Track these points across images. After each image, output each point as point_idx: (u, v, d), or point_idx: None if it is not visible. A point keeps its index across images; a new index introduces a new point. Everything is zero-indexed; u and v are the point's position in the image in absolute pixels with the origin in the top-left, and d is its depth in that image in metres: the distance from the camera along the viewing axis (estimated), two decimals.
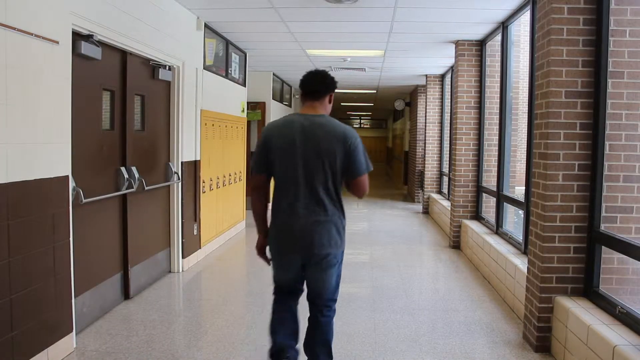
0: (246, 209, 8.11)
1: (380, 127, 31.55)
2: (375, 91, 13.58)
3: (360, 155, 2.52)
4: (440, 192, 10.02)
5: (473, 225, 6.29)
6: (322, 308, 2.65)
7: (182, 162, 5.32)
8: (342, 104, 18.24)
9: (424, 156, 10.40)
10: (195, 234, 5.75)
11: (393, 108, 17.48)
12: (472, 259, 6.00)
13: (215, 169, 6.46)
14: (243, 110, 7.77)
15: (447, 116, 9.64)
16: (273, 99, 10.22)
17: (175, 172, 5.20)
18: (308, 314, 2.71)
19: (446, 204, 8.31)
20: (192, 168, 5.64)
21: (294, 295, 2.73)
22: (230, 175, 7.10)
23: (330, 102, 2.64)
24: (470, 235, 6.16)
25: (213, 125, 6.29)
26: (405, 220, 9.25)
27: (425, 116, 10.37)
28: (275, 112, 10.53)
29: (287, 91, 12.21)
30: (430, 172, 10.20)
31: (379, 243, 7.15)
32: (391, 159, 23.57)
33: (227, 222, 7.08)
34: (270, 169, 2.55)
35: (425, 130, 10.33)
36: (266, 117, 9.91)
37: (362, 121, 31.36)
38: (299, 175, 2.48)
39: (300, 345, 2.73)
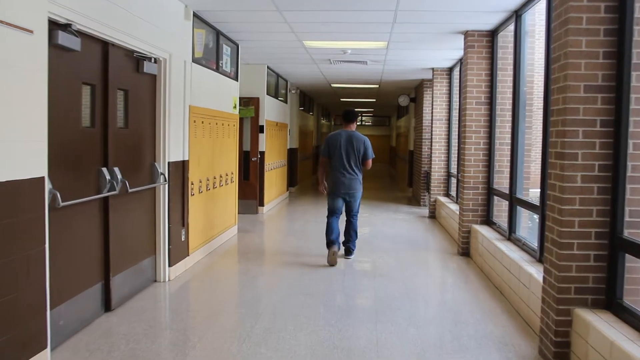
0: (238, 212, 8.04)
1: (382, 124, 31.57)
2: (377, 86, 13.58)
3: (369, 150, 6.38)
4: (447, 194, 10.00)
5: (483, 230, 6.27)
6: (353, 216, 6.45)
7: (168, 163, 5.30)
8: (341, 99, 18.25)
9: (430, 156, 10.38)
10: (182, 240, 5.73)
11: (397, 104, 17.48)
12: (483, 267, 5.98)
13: (205, 169, 6.45)
14: (235, 107, 7.76)
15: (455, 113, 9.62)
16: (267, 94, 10.20)
17: (162, 173, 5.19)
18: (346, 220, 6.47)
19: (454, 207, 8.30)
20: (180, 169, 5.63)
21: (338, 214, 6.42)
22: (221, 176, 7.08)
23: (356, 123, 6.55)
24: (481, 241, 6.13)
25: (202, 122, 6.27)
26: (410, 225, 9.24)
27: (432, 113, 10.36)
28: (270, 108, 10.52)
29: (282, 86, 12.21)
30: (437, 173, 10.19)
31: (382, 250, 7.14)
32: (395, 159, 23.58)
33: (218, 227, 7.05)
34: (330, 155, 6.38)
35: (432, 128, 10.32)
36: (260, 113, 9.89)
37: (363, 118, 31.39)
38: (343, 158, 6.30)
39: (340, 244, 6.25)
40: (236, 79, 7.86)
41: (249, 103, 9.78)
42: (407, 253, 6.96)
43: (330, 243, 6.35)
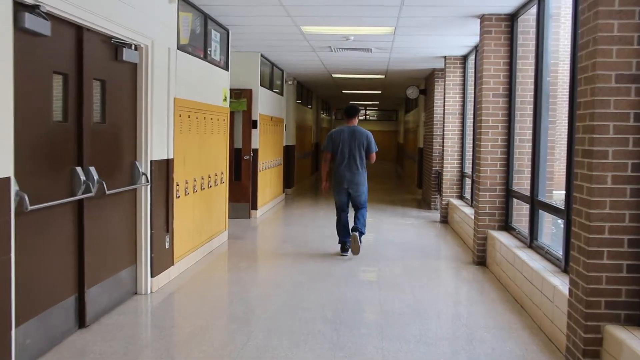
0: (228, 217, 8.04)
1: (389, 119, 31.62)
2: (383, 76, 13.58)
3: (373, 143, 7.12)
4: (461, 197, 10.00)
5: (502, 237, 6.26)
6: (360, 208, 7.12)
7: (151, 161, 5.29)
8: (343, 91, 18.27)
9: (442, 154, 10.38)
10: (167, 247, 5.72)
11: (405, 96, 17.47)
12: (501, 277, 5.96)
13: (192, 169, 6.44)
14: (225, 99, 7.75)
15: (470, 106, 9.62)
16: (261, 85, 10.20)
17: (143, 173, 5.18)
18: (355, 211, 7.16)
19: (469, 211, 8.29)
20: (164, 168, 5.62)
21: (346, 210, 7.15)
22: (210, 176, 7.07)
23: (358, 118, 7.29)
24: (499, 249, 6.12)
25: (189, 117, 6.27)
26: (419, 231, 9.25)
27: (444, 106, 10.35)
28: (264, 101, 10.51)
29: (278, 76, 12.20)
30: (450, 173, 10.18)
31: (389, 258, 7.14)
32: (402, 158, 23.61)
33: (206, 233, 7.04)
34: (333, 150, 7.10)
35: (444, 122, 10.32)
36: (253, 106, 9.89)
37: (367, 112, 31.41)
38: (346, 154, 7.01)
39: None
40: (226, 68, 7.85)
41: (240, 95, 9.78)
42: (416, 262, 6.97)
43: (342, 243, 7.23)
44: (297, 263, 6.76)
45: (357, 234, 7.02)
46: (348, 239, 7.17)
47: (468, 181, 9.52)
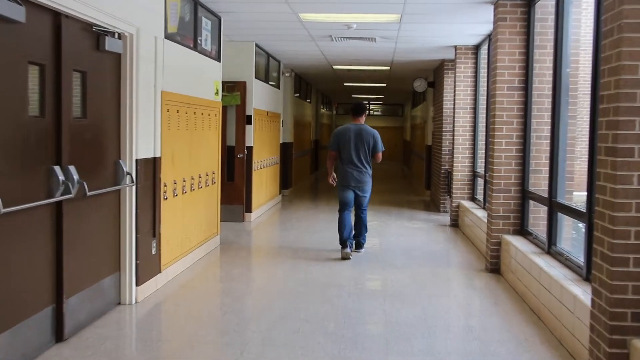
0: (221, 220, 8.03)
1: (394, 114, 31.64)
2: (388, 68, 13.59)
3: (379, 142, 7.53)
4: (473, 198, 9.99)
5: (517, 242, 6.25)
6: (362, 211, 7.65)
7: (136, 160, 5.28)
8: (345, 84, 18.29)
9: (452, 152, 10.39)
10: (153, 253, 5.71)
11: (412, 90, 17.49)
12: (516, 286, 5.96)
13: (181, 168, 6.44)
14: (217, 93, 7.75)
15: (482, 100, 9.62)
16: (256, 77, 10.20)
17: (128, 173, 5.17)
18: (355, 215, 7.65)
19: (481, 214, 8.29)
20: (151, 167, 5.61)
21: (349, 208, 7.55)
22: (200, 177, 7.06)
23: (365, 116, 7.71)
24: (514, 255, 6.10)
25: (178, 112, 6.26)
26: (427, 236, 9.25)
27: (454, 100, 10.35)
28: (260, 94, 10.51)
29: (274, 68, 12.20)
30: (460, 172, 10.19)
31: (394, 265, 7.14)
32: (409, 156, 23.62)
33: (197, 237, 7.04)
34: (339, 148, 7.50)
35: (454, 118, 10.33)
36: (247, 101, 9.89)
37: (371, 107, 31.42)
38: (352, 152, 7.42)
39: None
40: (218, 59, 7.85)
41: (233, 88, 9.77)
42: (424, 269, 6.97)
43: (343, 242, 7.56)
44: (295, 271, 6.76)
45: (361, 252, 7.71)
46: (350, 238, 7.59)
47: (480, 181, 9.51)
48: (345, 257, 7.34)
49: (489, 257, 6.83)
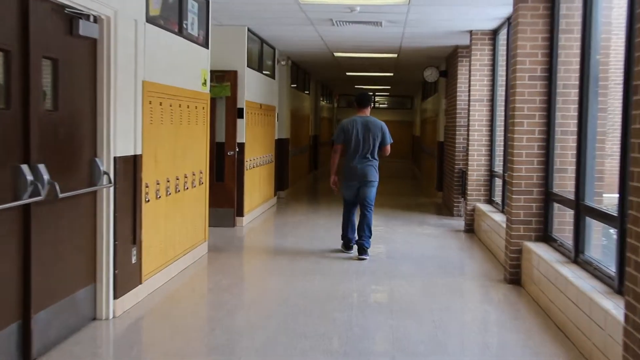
0: (209, 225, 8.07)
1: (402, 107, 31.63)
2: (395, 56, 13.58)
3: (387, 135, 7.99)
4: (490, 201, 9.98)
5: (540, 249, 6.23)
6: (367, 207, 7.89)
7: (115, 158, 5.27)
8: (347, 74, 18.28)
9: (467, 149, 10.36)
10: (133, 262, 5.69)
11: (422, 80, 17.42)
12: (539, 299, 5.94)
13: (165, 167, 6.43)
14: (205, 83, 7.74)
15: (501, 91, 9.59)
16: (248, 66, 10.18)
17: (105, 173, 5.15)
18: (360, 213, 7.94)
19: (500, 218, 8.27)
20: (131, 166, 5.59)
21: (353, 205, 8.03)
22: (186, 176, 7.04)
23: (371, 108, 8.11)
24: (536, 264, 6.09)
25: (161, 104, 6.25)
26: (439, 242, 9.24)
27: (469, 91, 10.33)
28: (252, 85, 10.49)
29: (268, 55, 12.18)
30: (476, 172, 10.17)
31: (402, 275, 7.13)
32: (418, 154, 23.61)
33: (183, 244, 7.03)
34: (345, 141, 7.90)
35: (469, 111, 10.30)
36: (238, 92, 9.86)
37: (376, 99, 31.40)
38: (360, 146, 7.83)
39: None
40: (206, 45, 7.83)
41: (223, 78, 9.74)
42: (435, 280, 6.96)
43: (347, 242, 8.11)
44: (292, 281, 6.75)
45: (365, 257, 7.82)
46: (354, 237, 8.06)
47: (498, 182, 9.49)
48: (345, 251, 8.07)
49: (508, 267, 6.81)
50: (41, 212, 4.35)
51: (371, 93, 29.08)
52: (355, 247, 8.08)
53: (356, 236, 8.03)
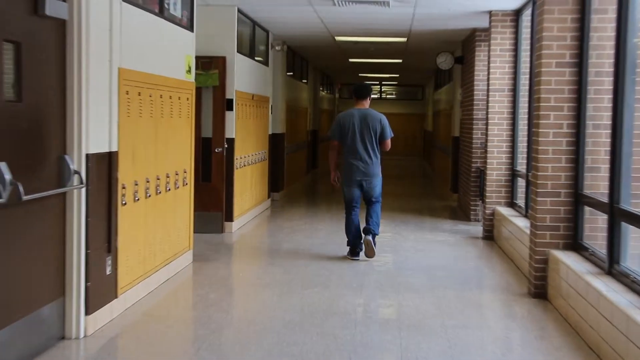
0: (194, 231, 8.08)
1: (413, 98, 31.65)
2: (405, 40, 13.58)
3: (387, 128, 8.27)
4: (512, 204, 9.98)
5: (569, 259, 6.22)
6: (374, 202, 8.32)
7: (87, 155, 5.25)
8: (350, 60, 18.28)
9: (486, 145, 10.33)
10: (108, 273, 5.68)
11: (435, 67, 17.45)
12: (568, 315, 5.93)
13: (144, 166, 6.43)
14: (189, 71, 7.76)
15: (524, 80, 9.57)
16: (238, 52, 10.19)
17: (76, 172, 5.12)
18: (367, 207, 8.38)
19: (523, 223, 8.27)
20: (105, 164, 5.59)
21: (356, 207, 8.30)
22: (168, 176, 7.06)
23: (370, 99, 8.44)
24: (564, 275, 6.09)
25: (140, 94, 6.25)
26: (454, 251, 9.26)
27: (488, 80, 10.33)
28: (243, 73, 10.51)
29: (261, 39, 12.20)
30: (496, 171, 10.16)
31: (413, 288, 7.14)
32: (431, 150, 23.61)
33: (164, 253, 7.04)
34: (342, 137, 8.22)
35: (488, 103, 10.30)
36: (227, 81, 9.86)
37: (383, 89, 31.40)
38: (357, 141, 8.13)
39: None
40: (191, 28, 7.84)
41: (210, 65, 9.74)
42: (450, 293, 6.96)
43: (353, 247, 8.32)
44: (287, 295, 6.76)
45: (370, 237, 8.14)
46: (360, 241, 8.26)
47: (521, 183, 9.48)
48: (351, 258, 8.28)
49: (532, 279, 6.80)
50: (1, 216, 4.33)
51: (377, 82, 29.16)
52: (361, 253, 8.29)
53: (362, 240, 8.24)
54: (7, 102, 4.40)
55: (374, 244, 8.15)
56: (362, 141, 8.12)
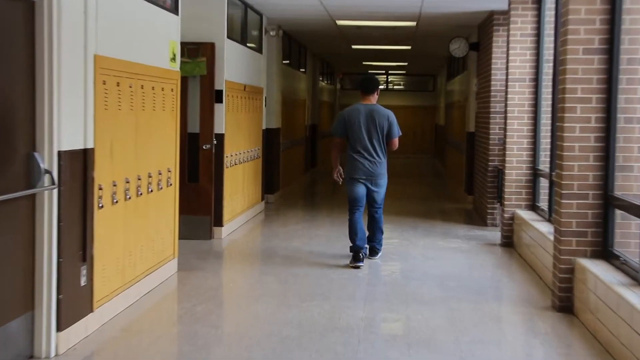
0: (179, 237, 8.09)
1: (423, 89, 31.65)
2: (414, 24, 13.60)
3: (395, 126, 8.57)
4: (534, 207, 9.98)
5: (598, 269, 6.21)
6: (376, 209, 8.74)
7: (59, 152, 5.25)
8: (353, 47, 18.31)
9: (505, 142, 10.32)
10: (83, 284, 5.68)
11: (447, 55, 17.45)
12: (598, 331, 5.92)
13: (124, 164, 6.44)
14: (174, 59, 7.75)
15: (547, 68, 9.57)
16: (229, 37, 10.21)
17: (47, 171, 5.12)
18: (368, 214, 8.80)
19: (546, 229, 8.27)
20: (80, 163, 5.59)
21: (361, 207, 8.59)
22: (151, 176, 7.07)
23: (377, 94, 8.75)
24: (593, 287, 6.08)
25: (119, 84, 6.25)
26: (469, 259, 9.28)
27: (507, 69, 10.32)
28: (234, 61, 10.53)
29: (254, 24, 12.22)
30: (516, 170, 10.15)
31: (422, 300, 7.16)
32: (443, 147, 23.59)
33: (146, 261, 7.05)
34: (346, 135, 8.57)
35: (507, 94, 10.29)
36: (216, 70, 9.87)
37: (389, 79, 31.39)
38: (363, 139, 8.45)
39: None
40: (176, 11, 7.85)
41: (197, 53, 9.74)
42: (464, 306, 6.98)
43: (355, 251, 8.47)
44: (283, 308, 6.76)
45: (376, 258, 8.70)
46: (364, 245, 8.59)
47: (544, 183, 9.48)
48: (354, 267, 8.39)
49: (557, 290, 6.79)
50: None
51: (383, 72, 29.16)
52: (365, 260, 8.53)
53: (367, 245, 8.68)
54: None
55: (378, 252, 8.73)
56: (368, 139, 8.38)
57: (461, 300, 7.15)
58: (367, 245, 8.72)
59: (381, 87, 29.73)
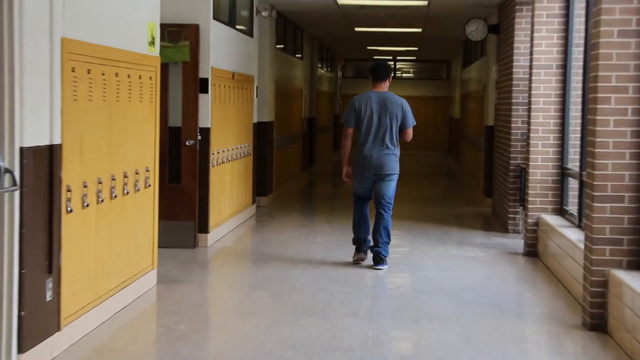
0: (159, 246, 8.10)
1: (435, 77, 31.76)
2: (425, 3, 13.66)
3: (410, 116, 9.06)
4: (562, 211, 9.98)
5: (635, 281, 6.19)
6: (384, 206, 8.97)
7: (21, 149, 5.24)
8: (356, 29, 18.35)
9: (528, 137, 10.33)
10: (49, 299, 5.67)
11: (463, 38, 17.46)
12: (635, 352, 5.90)
13: (96, 162, 6.45)
14: (153, 43, 7.76)
15: (577, 54, 9.60)
16: (215, 18, 10.23)
17: (7, 170, 5.09)
18: (375, 213, 9.07)
19: (576, 236, 8.28)
20: (45, 161, 5.58)
21: (367, 201, 9.27)
22: (126, 176, 7.09)
23: (390, 81, 9.21)
24: (630, 302, 6.06)
25: (90, 72, 6.25)
26: (487, 270, 9.31)
27: (532, 54, 10.34)
28: (221, 45, 10.56)
29: (244, 3, 12.28)
30: (541, 170, 10.16)
31: (435, 316, 7.18)
32: (458, 143, 23.61)
33: (121, 273, 7.05)
34: (357, 123, 9.01)
35: (531, 83, 10.30)
36: (201, 55, 9.87)
37: (398, 66, 31.43)
38: (374, 128, 8.91)
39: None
40: None
41: (179, 36, 9.75)
42: (482, 323, 7.00)
43: (358, 243, 9.02)
44: (276, 326, 6.76)
45: (382, 268, 8.76)
46: (368, 237, 9.04)
47: (574, 184, 9.48)
48: (356, 261, 8.93)
49: (588, 306, 6.77)
50: None
51: (390, 58, 29.19)
52: (370, 253, 8.93)
53: (371, 240, 9.00)
54: None
55: (384, 261, 8.82)
56: (380, 129, 8.79)
57: (478, 316, 7.16)
58: (369, 238, 9.03)
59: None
